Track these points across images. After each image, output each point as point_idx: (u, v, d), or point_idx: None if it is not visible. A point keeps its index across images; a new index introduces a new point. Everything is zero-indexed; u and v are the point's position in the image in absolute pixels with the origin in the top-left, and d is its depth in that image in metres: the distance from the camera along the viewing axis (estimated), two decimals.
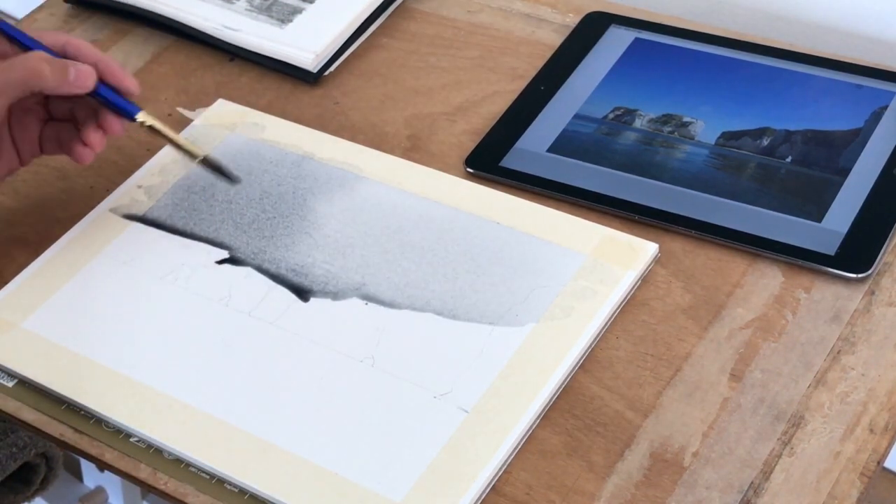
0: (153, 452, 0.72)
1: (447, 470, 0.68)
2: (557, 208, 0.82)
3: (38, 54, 0.76)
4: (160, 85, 0.96)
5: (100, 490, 1.41)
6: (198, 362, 0.75)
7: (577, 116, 0.89)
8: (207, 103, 0.93)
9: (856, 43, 0.98)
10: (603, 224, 0.80)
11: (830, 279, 0.77)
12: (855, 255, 0.77)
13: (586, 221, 0.80)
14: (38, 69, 0.76)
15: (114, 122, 0.79)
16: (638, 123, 0.88)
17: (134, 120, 0.80)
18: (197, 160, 0.81)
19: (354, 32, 0.97)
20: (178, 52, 0.99)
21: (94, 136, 0.79)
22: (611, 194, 0.83)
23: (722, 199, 0.81)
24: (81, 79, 0.77)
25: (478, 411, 0.70)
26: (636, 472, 0.68)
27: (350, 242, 0.81)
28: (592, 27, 0.96)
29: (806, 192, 0.81)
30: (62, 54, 0.79)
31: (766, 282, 0.77)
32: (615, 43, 0.94)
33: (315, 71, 0.95)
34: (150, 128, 0.80)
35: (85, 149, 0.80)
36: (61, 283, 0.80)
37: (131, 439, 0.72)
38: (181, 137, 0.81)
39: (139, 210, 0.85)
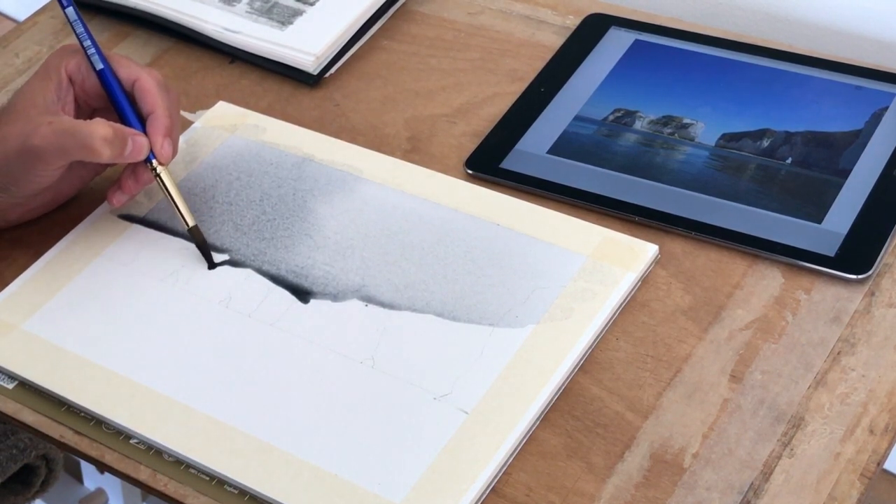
0: (153, 454, 0.72)
1: (447, 471, 0.68)
2: (557, 210, 0.82)
3: (99, 132, 0.77)
4: None
5: (100, 492, 1.41)
6: (198, 364, 0.75)
7: (577, 118, 0.89)
8: (208, 105, 0.93)
9: (856, 44, 0.98)
10: (603, 225, 0.80)
11: (830, 280, 0.77)
12: (855, 256, 0.77)
13: (586, 223, 0.80)
14: (97, 150, 0.77)
15: (144, 173, 0.81)
16: (638, 125, 0.88)
17: (149, 161, 0.80)
18: (187, 228, 0.81)
19: (355, 34, 0.97)
20: (178, 55, 0.99)
21: (128, 183, 0.81)
22: (611, 196, 0.83)
23: (722, 201, 0.81)
24: (135, 153, 0.79)
25: (478, 412, 0.70)
26: (636, 474, 0.68)
27: (350, 244, 0.81)
28: (593, 29, 0.96)
29: (806, 194, 0.81)
30: (129, 92, 0.81)
31: (766, 283, 0.77)
32: (615, 45, 0.94)
33: (315, 73, 0.95)
34: (158, 177, 0.80)
35: (119, 193, 0.81)
36: (62, 285, 0.80)
37: (131, 441, 0.72)
38: (179, 200, 0.81)
39: (139, 212, 0.85)
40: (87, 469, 1.41)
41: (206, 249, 0.81)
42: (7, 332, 0.78)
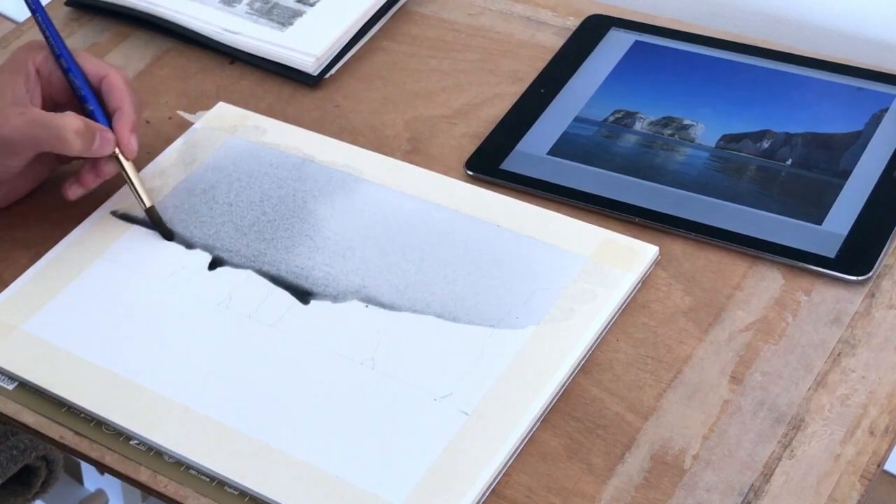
0: (153, 455, 0.72)
1: (447, 472, 0.68)
2: (558, 211, 0.82)
3: (72, 125, 0.79)
4: (161, 88, 0.96)
5: (100, 493, 1.41)
6: (198, 365, 0.75)
7: (577, 119, 0.89)
8: (208, 106, 0.93)
9: (856, 45, 0.98)
10: (603, 227, 0.80)
11: (831, 282, 0.77)
12: (855, 257, 0.77)
13: (587, 224, 0.80)
14: (69, 142, 0.79)
15: (105, 166, 0.82)
16: (638, 126, 0.88)
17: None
18: (144, 209, 0.83)
19: (355, 35, 0.97)
20: (178, 56, 0.99)
21: (88, 177, 0.83)
22: (611, 197, 0.83)
23: (722, 202, 0.81)
24: (102, 148, 0.81)
25: (478, 414, 0.70)
26: (636, 475, 0.68)
27: (350, 245, 0.81)
28: (593, 30, 0.96)
29: (806, 195, 0.81)
30: (97, 87, 0.83)
31: (766, 284, 0.77)
32: (615, 46, 0.94)
33: (315, 74, 0.95)
34: (117, 158, 0.82)
35: (76, 186, 0.83)
36: (62, 286, 0.80)
37: (131, 442, 0.72)
38: (139, 183, 0.83)
39: (139, 213, 0.85)
40: (87, 470, 1.41)
41: (162, 227, 0.83)
42: (7, 333, 0.78)
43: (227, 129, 0.91)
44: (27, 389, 0.76)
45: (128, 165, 0.82)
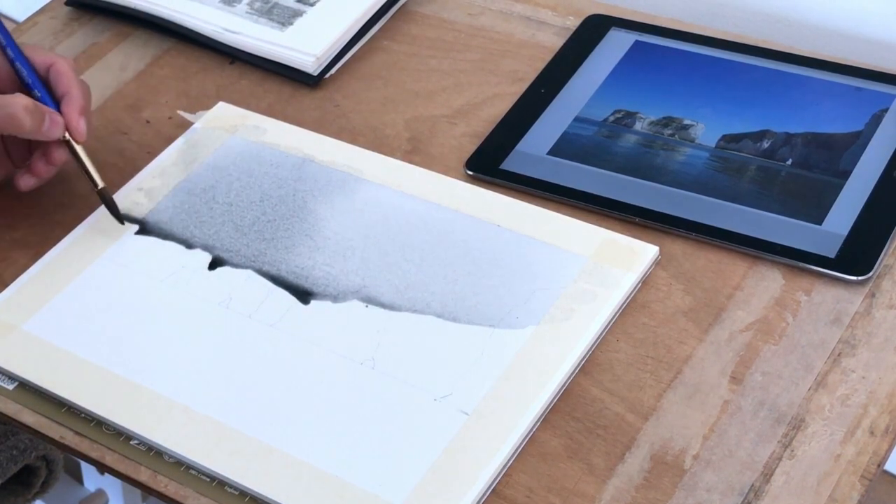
0: (153, 455, 0.72)
1: (447, 472, 0.68)
2: (558, 211, 0.82)
3: (21, 102, 0.80)
4: (161, 88, 0.96)
5: (100, 493, 1.41)
6: (198, 365, 0.75)
7: (577, 119, 0.89)
8: (208, 106, 0.93)
9: (856, 45, 0.98)
10: (603, 227, 0.80)
11: (831, 282, 0.77)
12: (855, 257, 0.77)
13: (587, 224, 0.80)
14: (19, 119, 0.79)
15: (55, 153, 0.83)
16: (638, 126, 0.88)
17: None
18: (95, 190, 0.83)
19: (355, 35, 0.97)
20: (178, 55, 0.99)
21: (39, 165, 0.84)
22: (611, 197, 0.83)
23: (722, 202, 0.81)
24: (52, 130, 0.82)
25: (478, 414, 0.70)
26: (636, 475, 0.68)
27: (350, 245, 0.81)
28: (593, 30, 0.96)
29: (806, 195, 0.81)
30: (45, 77, 0.84)
31: (766, 284, 0.77)
32: (616, 46, 0.94)
33: (316, 74, 0.95)
34: (68, 143, 0.83)
35: (28, 176, 0.84)
36: (62, 286, 0.80)
37: (132, 442, 0.72)
38: (89, 164, 0.83)
39: (140, 213, 0.85)
40: (87, 470, 1.41)
41: (115, 210, 0.84)
42: (7, 333, 0.78)
43: (227, 128, 0.91)
44: (27, 389, 0.76)
45: (79, 148, 0.83)
